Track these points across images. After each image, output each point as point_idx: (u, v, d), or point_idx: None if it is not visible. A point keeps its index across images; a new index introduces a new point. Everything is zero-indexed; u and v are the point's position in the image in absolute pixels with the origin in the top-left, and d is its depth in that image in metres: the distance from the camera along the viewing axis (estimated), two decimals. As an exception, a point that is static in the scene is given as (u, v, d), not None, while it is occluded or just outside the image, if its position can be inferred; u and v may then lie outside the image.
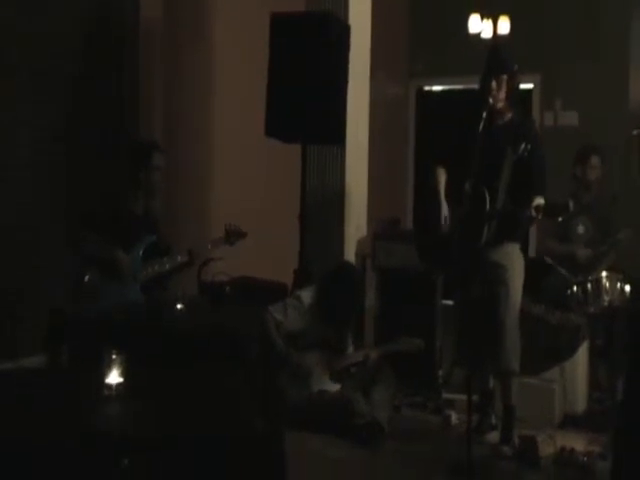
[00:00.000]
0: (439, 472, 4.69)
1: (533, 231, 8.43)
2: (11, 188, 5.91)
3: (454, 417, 5.57)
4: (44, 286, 5.82)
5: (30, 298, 5.91)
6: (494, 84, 4.95)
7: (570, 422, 5.56)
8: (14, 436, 3.04)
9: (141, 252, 5.11)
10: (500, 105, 5.02)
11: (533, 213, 4.66)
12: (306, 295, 5.69)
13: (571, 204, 4.64)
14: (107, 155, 6.46)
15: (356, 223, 7.24)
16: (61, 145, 6.27)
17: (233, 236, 5.42)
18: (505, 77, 4.99)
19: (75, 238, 5.09)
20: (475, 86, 5.19)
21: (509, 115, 5.11)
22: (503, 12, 8.77)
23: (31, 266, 5.96)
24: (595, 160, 6.31)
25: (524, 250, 5.39)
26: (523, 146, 4.77)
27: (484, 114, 4.79)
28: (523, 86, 9.36)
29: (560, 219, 4.74)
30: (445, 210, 5.12)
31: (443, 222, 5.10)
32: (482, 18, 8.78)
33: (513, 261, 5.09)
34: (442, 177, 5.25)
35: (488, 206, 4.79)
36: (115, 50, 6.77)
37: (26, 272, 5.95)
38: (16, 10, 5.96)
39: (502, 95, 4.99)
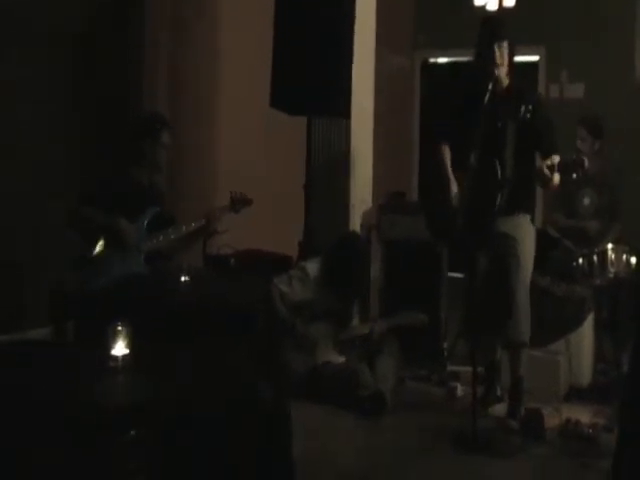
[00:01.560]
0: (443, 444, 4.69)
1: (539, 204, 8.41)
2: (12, 161, 5.90)
3: (459, 389, 5.57)
4: (49, 258, 5.81)
5: (35, 270, 5.91)
6: (497, 51, 4.92)
7: (575, 394, 5.56)
8: (19, 410, 3.04)
9: (145, 223, 5.08)
10: (503, 72, 4.99)
11: (547, 172, 4.64)
12: (311, 266, 5.69)
13: (586, 161, 4.60)
14: (111, 127, 6.43)
15: (361, 195, 7.21)
16: (61, 117, 6.25)
17: (238, 204, 5.37)
18: (506, 44, 4.97)
19: (76, 210, 5.07)
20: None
21: (508, 83, 5.08)
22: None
23: (35, 238, 5.96)
24: (581, 131, 6.29)
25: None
26: (524, 108, 4.73)
27: (490, 85, 4.78)
28: (528, 58, 9.35)
29: (575, 175, 4.67)
30: (454, 187, 5.09)
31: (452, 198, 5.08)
32: (488, -11, 8.70)
33: (524, 233, 5.04)
34: (447, 154, 5.23)
35: (499, 175, 4.75)
36: (120, 19, 6.74)
37: (30, 245, 5.95)
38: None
39: (505, 61, 4.97)
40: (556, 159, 4.66)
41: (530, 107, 4.73)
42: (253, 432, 3.22)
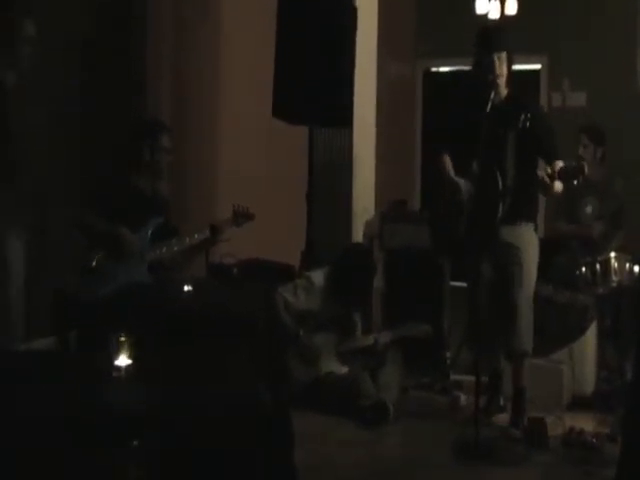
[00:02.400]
0: (446, 452, 4.68)
1: (542, 212, 8.41)
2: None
3: (462, 398, 5.56)
4: (51, 267, 5.80)
5: (38, 279, 5.89)
6: (496, 60, 4.94)
7: (578, 403, 5.55)
8: (21, 419, 3.04)
9: (149, 233, 5.06)
10: (502, 82, 5.00)
11: (547, 180, 4.64)
12: (316, 276, 5.68)
13: (586, 166, 4.60)
14: (111, 128, 6.41)
15: (363, 204, 7.21)
16: (61, 117, 6.23)
17: (241, 218, 5.36)
18: (504, 54, 4.99)
19: (78, 217, 5.06)
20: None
21: (507, 92, 5.08)
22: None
23: (38, 246, 5.94)
24: (583, 139, 6.29)
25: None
26: (523, 116, 4.74)
27: (492, 94, 4.79)
28: (530, 67, 9.36)
29: (575, 182, 4.68)
30: (463, 186, 5.08)
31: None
32: (490, -2, 8.70)
33: (527, 242, 5.04)
34: (449, 164, 5.24)
35: (501, 184, 4.75)
36: (121, 19, 6.74)
37: (33, 253, 5.93)
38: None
39: (503, 71, 4.98)
40: (557, 165, 4.67)
41: (529, 115, 4.74)
42: (254, 437, 3.22)
